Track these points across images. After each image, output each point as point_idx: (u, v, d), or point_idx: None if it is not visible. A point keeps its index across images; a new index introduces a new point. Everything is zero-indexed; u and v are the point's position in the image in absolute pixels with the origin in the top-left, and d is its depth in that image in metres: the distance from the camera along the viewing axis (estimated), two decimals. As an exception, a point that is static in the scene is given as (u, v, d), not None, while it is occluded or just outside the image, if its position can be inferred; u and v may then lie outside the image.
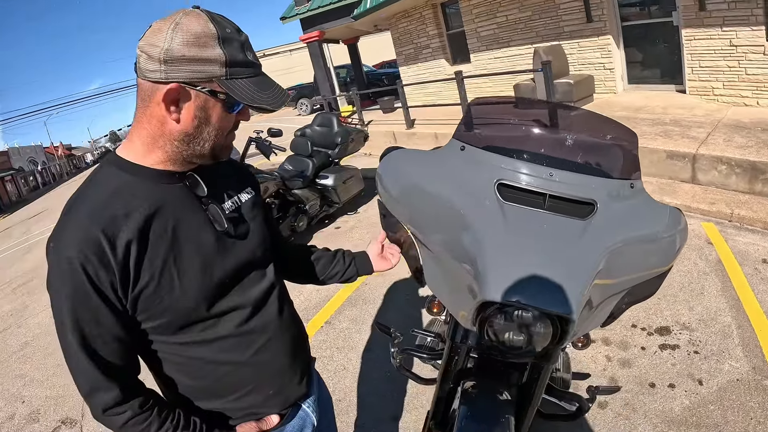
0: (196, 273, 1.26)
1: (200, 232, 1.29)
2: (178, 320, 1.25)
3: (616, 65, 9.70)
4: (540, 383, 1.68)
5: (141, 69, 1.15)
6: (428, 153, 1.81)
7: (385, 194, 1.85)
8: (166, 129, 1.19)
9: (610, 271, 1.43)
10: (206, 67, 1.13)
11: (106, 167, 1.25)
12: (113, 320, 1.17)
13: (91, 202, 1.18)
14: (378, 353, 3.94)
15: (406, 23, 15.07)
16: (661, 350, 3.30)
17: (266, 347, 1.42)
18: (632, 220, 1.54)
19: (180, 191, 1.28)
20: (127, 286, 1.16)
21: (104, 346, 1.17)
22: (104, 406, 1.19)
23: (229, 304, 1.34)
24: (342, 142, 7.38)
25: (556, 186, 1.49)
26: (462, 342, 1.70)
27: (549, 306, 1.30)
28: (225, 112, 1.22)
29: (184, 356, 1.32)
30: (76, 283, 1.12)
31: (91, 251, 1.11)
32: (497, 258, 1.36)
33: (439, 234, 1.61)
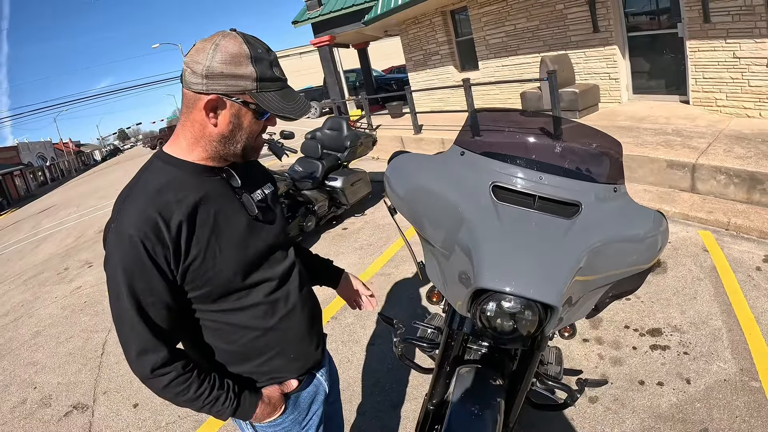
0: (234, 250, 1.49)
1: (236, 217, 1.53)
2: (218, 289, 1.48)
3: (621, 75, 9.78)
4: (529, 369, 1.85)
5: (186, 81, 1.38)
6: (432, 157, 1.99)
7: (392, 194, 2.04)
8: (206, 131, 1.43)
9: (591, 267, 1.58)
10: (240, 82, 1.36)
11: (156, 162, 1.49)
12: (165, 289, 1.37)
13: (147, 190, 1.40)
14: (381, 347, 4.10)
15: (416, 29, 15.16)
16: (652, 350, 3.41)
17: (289, 315, 1.66)
18: (614, 220, 1.69)
19: (218, 183, 1.52)
20: (178, 259, 1.38)
21: (156, 312, 1.38)
22: (153, 366, 1.38)
23: (260, 276, 1.57)
24: (351, 146, 7.55)
25: (545, 188, 1.66)
26: (458, 329, 1.89)
27: (535, 295, 1.46)
28: (255, 119, 1.45)
29: (221, 322, 1.54)
30: (135, 256, 1.32)
31: (149, 229, 1.32)
32: (490, 251, 1.53)
33: (439, 230, 1.78)
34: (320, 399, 1.84)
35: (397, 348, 2.34)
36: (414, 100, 12.36)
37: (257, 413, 1.60)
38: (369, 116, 13.66)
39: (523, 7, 11.17)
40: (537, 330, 1.55)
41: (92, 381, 4.87)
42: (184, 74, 1.39)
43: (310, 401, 1.80)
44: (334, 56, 19.08)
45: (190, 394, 1.45)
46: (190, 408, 1.51)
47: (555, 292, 1.46)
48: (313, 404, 1.81)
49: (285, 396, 1.70)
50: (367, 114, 14.01)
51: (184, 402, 1.47)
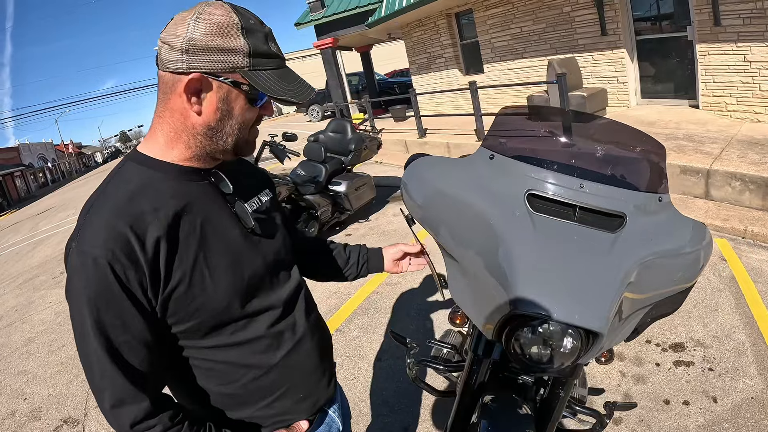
0: (227, 271, 1.23)
1: (228, 230, 1.27)
2: (210, 321, 1.22)
3: (629, 79, 9.68)
4: (562, 398, 1.66)
5: (162, 60, 1.13)
6: (455, 161, 1.79)
7: (411, 202, 1.82)
8: (188, 122, 1.17)
9: (640, 285, 1.41)
10: (229, 57, 1.12)
11: (129, 164, 1.21)
12: (142, 324, 1.11)
13: (115, 199, 1.13)
14: (389, 363, 3.91)
15: (420, 32, 15.14)
16: (676, 366, 3.27)
17: (296, 348, 1.40)
18: (660, 234, 1.51)
19: (205, 188, 1.26)
20: (157, 286, 1.12)
21: (132, 353, 1.11)
22: (133, 421, 1.11)
23: (260, 304, 1.31)
24: (356, 149, 7.38)
25: (586, 197, 1.46)
26: (484, 355, 1.69)
27: (580, 322, 1.27)
28: (248, 105, 1.19)
29: (214, 360, 1.28)
30: (102, 283, 1.05)
31: (118, 248, 1.06)
32: (527, 271, 1.34)
33: (466, 243, 1.59)
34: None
35: (411, 370, 2.15)
36: (418, 103, 12.24)
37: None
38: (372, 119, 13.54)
39: (530, 9, 11.11)
40: (577, 358, 1.37)
41: (83, 394, 4.66)
42: (160, 53, 1.13)
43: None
44: (336, 59, 19.02)
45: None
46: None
47: (601, 318, 1.27)
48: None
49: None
50: (371, 117, 13.91)
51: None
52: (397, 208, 8.01)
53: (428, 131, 12.23)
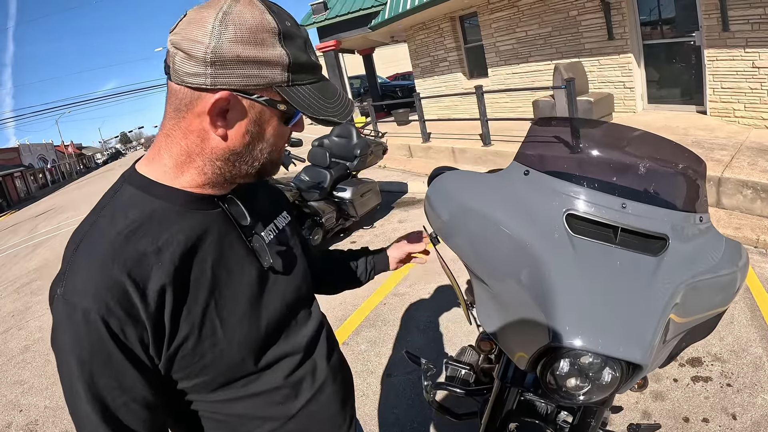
0: (242, 321, 1.05)
1: (243, 270, 1.08)
2: (221, 377, 1.05)
3: (636, 84, 9.61)
4: (593, 427, 1.56)
5: (177, 71, 0.90)
6: (486, 176, 1.68)
7: (436, 219, 1.71)
8: (207, 146, 0.96)
9: (685, 307, 1.33)
10: (265, 71, 0.90)
11: (127, 189, 1.00)
12: (143, 385, 0.93)
13: (110, 236, 0.93)
14: (399, 378, 3.79)
15: (423, 35, 15.04)
16: (694, 382, 3.19)
17: (317, 396, 1.24)
18: (702, 256, 1.43)
19: (218, 219, 1.06)
20: (161, 342, 0.94)
21: (131, 416, 0.94)
22: None
23: (278, 352, 1.15)
24: (361, 154, 7.27)
25: (629, 218, 1.37)
26: (513, 384, 1.58)
27: (623, 353, 1.19)
28: (281, 125, 1.00)
29: (224, 413, 1.12)
30: (94, 342, 0.87)
31: (114, 301, 0.87)
32: (567, 298, 1.24)
33: (498, 266, 1.48)
34: None
35: (429, 393, 2.05)
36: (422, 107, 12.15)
37: None
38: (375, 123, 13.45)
39: (536, 13, 11.01)
40: (615, 390, 1.28)
41: None
42: (173, 61, 0.90)
43: None
44: (339, 62, 18.95)
45: None
46: None
47: (644, 349, 1.19)
48: None
49: None
50: (373, 121, 13.82)
51: None
52: (402, 214, 7.95)
53: (432, 136, 12.13)
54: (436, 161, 10.79)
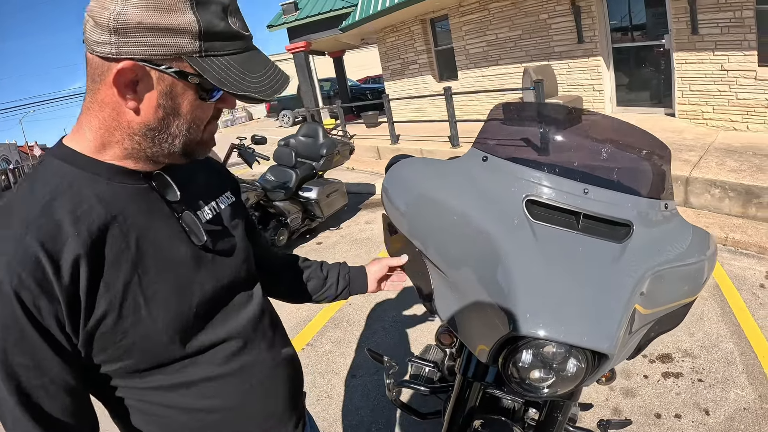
0: (169, 298, 0.97)
1: (172, 247, 1.00)
2: (147, 360, 0.98)
3: (605, 87, 9.77)
4: (560, 422, 1.52)
5: (87, 39, 0.85)
6: (443, 163, 1.61)
7: (392, 209, 1.64)
8: (122, 120, 0.90)
9: (651, 297, 1.28)
10: (172, 39, 0.84)
11: (50, 161, 0.94)
12: (61, 366, 0.87)
13: (26, 206, 0.87)
14: (364, 379, 3.71)
15: (394, 38, 15.12)
16: (665, 378, 3.20)
17: (258, 388, 1.16)
18: (668, 244, 1.39)
19: (144, 194, 0.99)
20: (77, 318, 0.87)
21: (50, 400, 0.87)
22: None
23: (211, 337, 1.06)
24: (327, 154, 7.22)
25: (591, 204, 1.32)
26: (476, 378, 1.51)
27: (587, 342, 1.13)
28: (199, 100, 0.93)
29: (156, 404, 1.04)
30: (7, 316, 0.81)
31: (27, 272, 0.81)
32: (527, 286, 1.18)
33: (457, 256, 1.41)
34: None
35: (391, 392, 1.97)
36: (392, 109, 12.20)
37: None
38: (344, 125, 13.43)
39: (506, 16, 11.13)
40: (581, 382, 1.22)
41: None
42: (85, 29, 0.86)
43: None
44: (309, 63, 18.90)
45: None
46: None
47: (610, 338, 1.14)
48: None
49: None
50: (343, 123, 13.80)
51: None
52: (369, 216, 7.88)
53: (401, 137, 12.19)
54: (406, 163, 10.72)
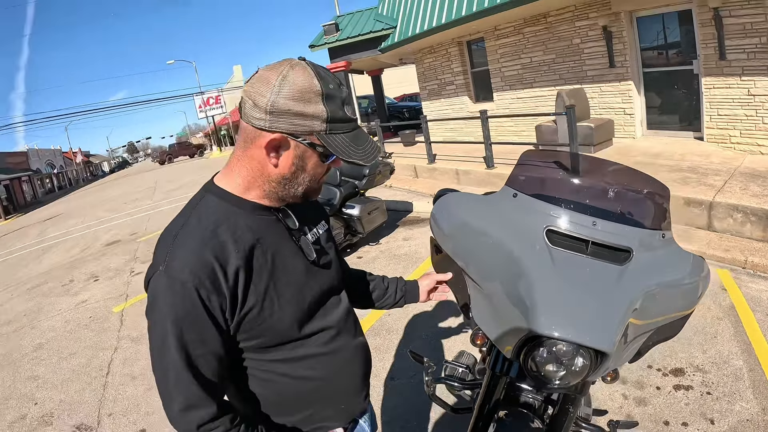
0: (291, 299, 1.38)
1: (294, 262, 1.41)
2: (274, 340, 1.38)
3: (636, 110, 9.84)
4: (570, 414, 1.82)
5: (246, 114, 1.25)
6: (481, 197, 2.00)
7: (439, 233, 2.02)
8: (265, 171, 1.31)
9: (644, 312, 1.59)
10: (308, 122, 1.23)
11: (209, 197, 1.35)
12: (218, 341, 1.26)
13: (200, 229, 1.27)
14: (402, 382, 4.04)
15: (431, 59, 15.31)
16: (676, 390, 3.40)
17: (344, 367, 1.57)
18: (662, 267, 1.70)
19: (275, 223, 1.40)
20: (234, 309, 1.27)
21: (206, 365, 1.26)
22: (200, 422, 1.26)
23: (316, 326, 1.47)
24: (370, 174, 7.55)
25: (598, 234, 1.66)
26: (502, 373, 1.86)
27: (591, 342, 1.46)
28: (320, 162, 1.33)
29: (272, 372, 1.43)
30: (188, 305, 1.20)
31: (204, 275, 1.20)
32: (545, 297, 1.53)
33: (490, 272, 1.78)
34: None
35: (429, 387, 2.31)
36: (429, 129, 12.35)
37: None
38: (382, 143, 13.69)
39: (540, 40, 11.30)
40: (586, 376, 1.55)
41: (97, 402, 4.78)
42: (244, 106, 1.26)
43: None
44: (349, 82, 19.20)
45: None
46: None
47: (609, 339, 1.46)
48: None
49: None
50: (381, 141, 14.04)
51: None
52: (406, 232, 8.21)
53: (437, 157, 12.45)
54: (440, 182, 11.01)
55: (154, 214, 16.79)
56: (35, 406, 4.92)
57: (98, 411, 4.57)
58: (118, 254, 11.44)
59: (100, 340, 6.30)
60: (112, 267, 10.29)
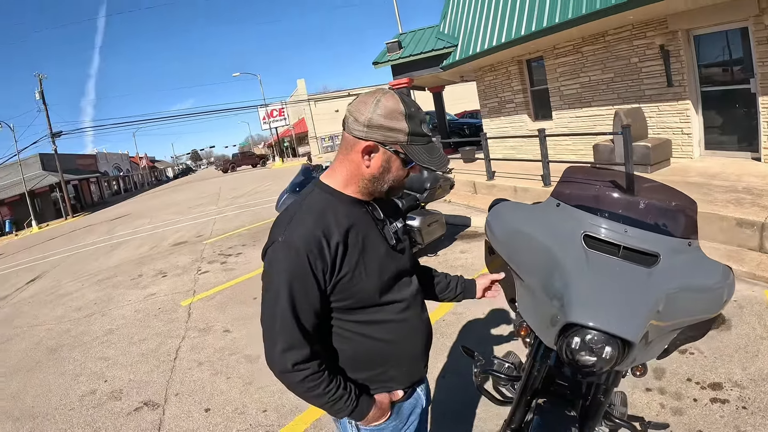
0: (374, 271, 1.72)
1: (378, 243, 1.77)
2: (359, 303, 1.72)
3: (693, 130, 9.78)
4: (602, 402, 2.08)
5: (349, 126, 1.66)
6: (530, 206, 2.29)
7: (492, 236, 2.32)
8: (359, 171, 1.70)
9: (666, 313, 1.81)
10: (394, 134, 1.62)
11: (317, 190, 1.76)
12: (317, 297, 1.62)
13: (312, 212, 1.66)
14: (451, 380, 4.29)
15: (491, 77, 15.48)
16: (712, 403, 3.49)
17: (412, 333, 1.90)
18: (688, 271, 1.91)
19: (365, 213, 1.77)
20: (332, 274, 1.63)
21: (306, 315, 1.62)
22: (295, 361, 1.60)
23: (392, 296, 1.80)
24: (431, 187, 7.83)
25: (629, 239, 1.91)
26: (542, 360, 2.13)
27: (617, 331, 1.70)
28: (401, 166, 1.71)
29: (353, 332, 1.77)
30: (299, 265, 1.57)
31: (314, 245, 1.58)
32: (580, 291, 1.79)
33: (534, 270, 2.06)
34: (417, 411, 2.01)
35: (477, 378, 2.58)
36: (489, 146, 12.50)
37: (369, 415, 1.79)
38: (444, 159, 13.89)
39: (599, 59, 11.35)
40: (615, 364, 1.78)
41: (164, 382, 5.17)
42: (347, 120, 1.67)
43: (410, 412, 1.97)
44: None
45: (319, 390, 1.65)
46: (313, 403, 1.73)
47: (634, 330, 1.70)
48: (411, 415, 1.98)
49: (391, 404, 1.89)
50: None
51: (311, 397, 1.68)
52: (464, 246, 8.42)
53: (496, 174, 12.63)
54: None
55: (219, 218, 17.36)
56: (105, 383, 5.38)
57: (165, 390, 4.95)
58: (184, 254, 11.95)
59: (169, 329, 6.77)
60: (179, 265, 10.79)
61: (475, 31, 14.48)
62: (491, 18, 13.62)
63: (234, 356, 5.61)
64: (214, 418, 4.29)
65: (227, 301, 7.68)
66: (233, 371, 5.20)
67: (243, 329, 6.39)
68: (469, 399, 3.88)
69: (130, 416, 4.55)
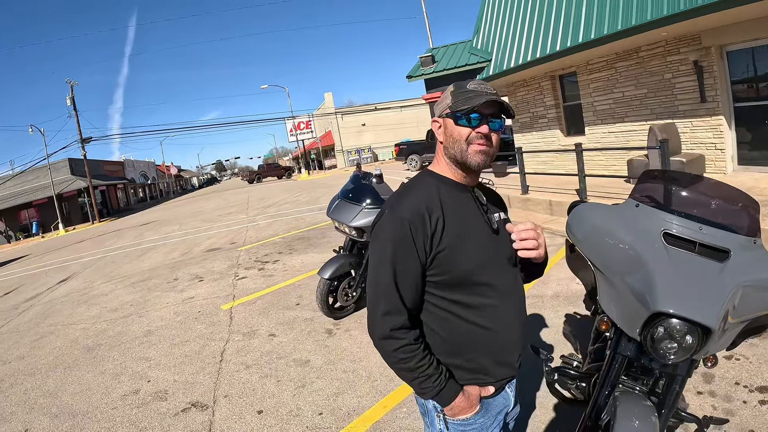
0: (475, 250, 1.77)
1: (479, 226, 1.83)
2: (454, 280, 1.75)
3: (726, 146, 9.85)
4: (677, 392, 2.25)
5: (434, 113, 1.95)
6: (609, 206, 2.46)
7: (573, 236, 2.51)
8: (440, 147, 1.89)
9: (738, 305, 1.96)
10: (444, 104, 1.84)
11: (424, 174, 1.91)
12: (416, 266, 1.71)
13: (420, 190, 1.80)
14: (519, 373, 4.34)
15: (524, 92, 15.60)
16: (761, 405, 3.61)
17: (507, 323, 1.85)
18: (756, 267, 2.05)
19: (469, 197, 1.87)
20: (432, 247, 1.71)
21: (406, 282, 1.71)
22: (393, 326, 1.68)
23: (488, 279, 1.80)
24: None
25: (704, 236, 2.08)
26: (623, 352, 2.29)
27: (699, 317, 1.87)
28: (454, 124, 1.79)
29: (448, 311, 1.80)
30: (403, 234, 1.68)
31: (417, 218, 1.69)
32: (664, 283, 1.96)
33: (617, 266, 2.22)
34: (505, 412, 1.99)
35: (549, 376, 2.74)
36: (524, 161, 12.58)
37: (455, 402, 1.77)
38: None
39: (632, 75, 11.44)
40: (694, 352, 1.95)
41: (212, 384, 5.06)
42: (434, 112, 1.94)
43: (498, 411, 1.94)
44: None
45: (411, 363, 1.68)
46: (402, 377, 1.75)
47: (713, 318, 1.86)
48: (499, 414, 1.95)
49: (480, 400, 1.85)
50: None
51: (402, 370, 1.71)
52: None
53: (530, 188, 12.65)
54: (533, 212, 11.20)
55: (251, 227, 17.34)
56: (148, 383, 5.31)
57: (214, 392, 4.85)
58: (219, 260, 11.98)
59: (211, 332, 6.71)
60: (215, 270, 10.80)
61: (509, 46, 14.60)
62: (525, 33, 13.76)
63: (282, 360, 5.50)
64: (267, 419, 4.23)
65: (269, 306, 7.54)
66: (283, 374, 5.08)
67: (289, 333, 6.31)
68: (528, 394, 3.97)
69: (178, 417, 4.51)
